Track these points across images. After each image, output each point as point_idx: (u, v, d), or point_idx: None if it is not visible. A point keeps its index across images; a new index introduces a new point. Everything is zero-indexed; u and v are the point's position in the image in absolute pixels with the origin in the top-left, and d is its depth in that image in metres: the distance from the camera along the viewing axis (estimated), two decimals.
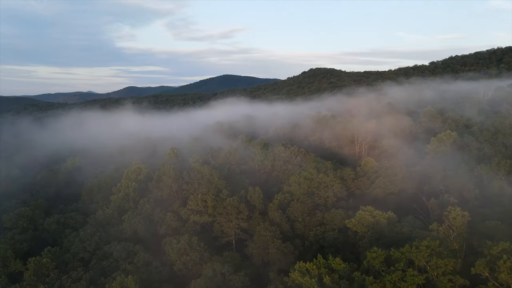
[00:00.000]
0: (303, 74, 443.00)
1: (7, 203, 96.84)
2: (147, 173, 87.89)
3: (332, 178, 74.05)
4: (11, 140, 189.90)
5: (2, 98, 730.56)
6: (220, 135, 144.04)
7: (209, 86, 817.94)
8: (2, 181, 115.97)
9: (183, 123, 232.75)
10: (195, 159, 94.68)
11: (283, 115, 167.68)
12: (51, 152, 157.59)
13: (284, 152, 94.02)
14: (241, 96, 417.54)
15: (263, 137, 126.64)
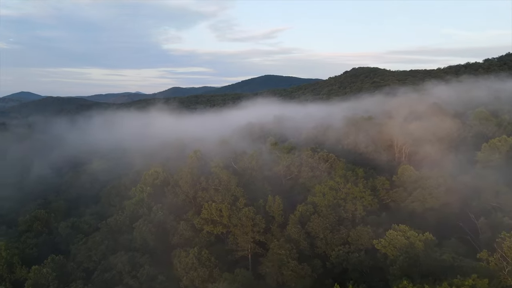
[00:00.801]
0: (345, 74, 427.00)
1: (32, 203, 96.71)
2: (165, 177, 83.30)
3: (362, 189, 65.04)
4: (52, 139, 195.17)
5: (59, 99, 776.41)
6: (249, 137, 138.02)
7: (250, 86, 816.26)
8: (32, 181, 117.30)
9: (218, 124, 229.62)
10: (216, 163, 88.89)
11: (319, 116, 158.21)
12: (86, 151, 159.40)
13: (311, 157, 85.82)
14: (281, 96, 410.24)
15: (294, 139, 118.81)
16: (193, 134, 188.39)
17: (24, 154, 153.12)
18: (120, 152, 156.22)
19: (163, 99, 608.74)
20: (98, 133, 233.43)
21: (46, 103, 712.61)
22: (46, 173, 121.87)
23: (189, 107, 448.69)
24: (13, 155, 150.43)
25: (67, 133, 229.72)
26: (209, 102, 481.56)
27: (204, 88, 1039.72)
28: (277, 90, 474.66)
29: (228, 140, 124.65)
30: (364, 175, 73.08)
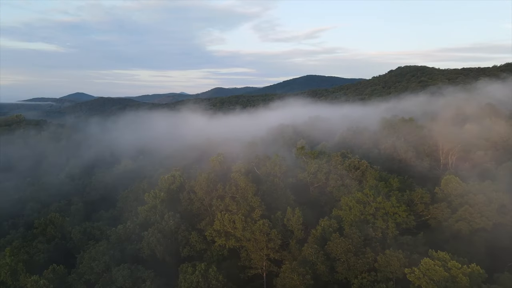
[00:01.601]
0: (390, 73, 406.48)
1: (54, 205, 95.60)
2: (181, 182, 78.13)
3: (395, 203, 55.75)
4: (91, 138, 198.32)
5: (109, 99, 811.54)
6: (281, 139, 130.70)
7: (291, 86, 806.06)
8: (61, 181, 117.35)
9: (253, 124, 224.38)
10: (238, 168, 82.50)
11: (357, 118, 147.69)
12: (120, 151, 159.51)
13: (340, 163, 77.14)
14: (321, 96, 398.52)
15: (326, 143, 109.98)
16: (226, 135, 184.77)
17: (60, 153, 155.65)
18: (152, 152, 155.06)
19: (204, 100, 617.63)
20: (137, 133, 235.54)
21: (98, 103, 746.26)
22: (74, 173, 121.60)
23: (229, 108, 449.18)
24: (49, 154, 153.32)
25: (107, 133, 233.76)
26: (248, 103, 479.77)
27: (246, 89, 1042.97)
28: (318, 91, 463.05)
29: (256, 142, 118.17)
30: (399, 186, 63.43)
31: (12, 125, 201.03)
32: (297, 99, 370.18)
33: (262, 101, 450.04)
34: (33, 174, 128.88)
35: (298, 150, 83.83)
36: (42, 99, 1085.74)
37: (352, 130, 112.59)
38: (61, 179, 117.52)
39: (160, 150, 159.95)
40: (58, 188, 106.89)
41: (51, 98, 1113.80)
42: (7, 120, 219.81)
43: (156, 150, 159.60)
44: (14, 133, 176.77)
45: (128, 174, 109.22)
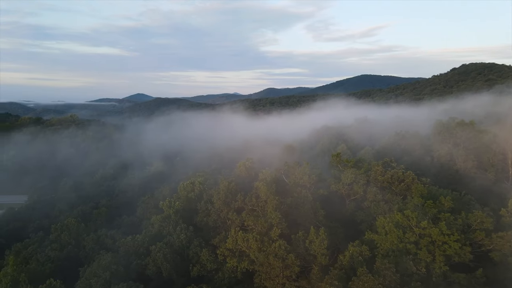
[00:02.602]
0: (453, 71, 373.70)
1: (80, 208, 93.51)
2: (201, 190, 71.20)
3: (445, 229, 44.07)
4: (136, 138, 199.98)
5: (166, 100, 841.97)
6: (324, 142, 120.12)
7: (345, 86, 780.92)
8: (93, 182, 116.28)
9: (298, 125, 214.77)
10: (264, 175, 74.03)
11: (409, 120, 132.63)
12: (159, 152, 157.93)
13: (382, 174, 65.77)
14: (375, 96, 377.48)
15: (370, 148, 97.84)
16: (268, 137, 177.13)
17: (102, 153, 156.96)
18: (189, 154, 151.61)
19: (255, 100, 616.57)
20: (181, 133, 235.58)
21: (155, 103, 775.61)
22: (108, 174, 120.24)
23: (278, 108, 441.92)
24: (91, 154, 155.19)
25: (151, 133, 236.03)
26: (298, 103, 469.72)
27: (299, 89, 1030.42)
28: (371, 91, 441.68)
29: (293, 146, 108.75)
30: (452, 206, 51.21)
31: (66, 124, 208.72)
32: (348, 100, 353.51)
33: (312, 102, 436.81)
34: (71, 174, 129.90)
35: (333, 157, 73.44)
36: (106, 100, 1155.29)
37: (401, 134, 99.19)
38: (95, 180, 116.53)
39: (199, 151, 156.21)
40: (89, 189, 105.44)
41: (114, 99, 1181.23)
42: (62, 120, 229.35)
43: (195, 151, 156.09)
44: (63, 132, 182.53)
45: (157, 177, 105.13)
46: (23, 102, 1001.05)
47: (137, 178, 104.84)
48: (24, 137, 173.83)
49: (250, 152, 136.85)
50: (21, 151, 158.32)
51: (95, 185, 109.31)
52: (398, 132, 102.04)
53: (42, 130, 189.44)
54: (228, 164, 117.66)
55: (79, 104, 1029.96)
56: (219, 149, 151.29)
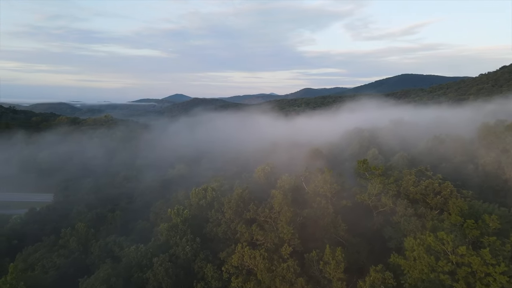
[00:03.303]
0: (502, 69, 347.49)
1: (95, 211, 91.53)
2: (213, 197, 66.03)
3: (490, 258, 36.01)
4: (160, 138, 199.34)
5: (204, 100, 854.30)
6: (356, 145, 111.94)
7: (384, 86, 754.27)
8: (116, 183, 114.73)
9: (331, 126, 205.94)
10: (283, 182, 67.88)
11: (451, 122, 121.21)
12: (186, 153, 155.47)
13: (414, 184, 57.68)
14: (416, 96, 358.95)
15: (405, 153, 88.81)
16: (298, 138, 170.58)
17: (130, 153, 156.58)
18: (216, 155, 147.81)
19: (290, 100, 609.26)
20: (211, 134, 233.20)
21: (192, 104, 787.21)
22: (131, 175, 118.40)
23: (313, 108, 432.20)
24: (119, 154, 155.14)
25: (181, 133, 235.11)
26: (334, 104, 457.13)
27: (336, 89, 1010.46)
28: (412, 90, 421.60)
29: (320, 149, 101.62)
30: (500, 227, 42.71)
31: (98, 125, 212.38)
32: (386, 100, 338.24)
33: (349, 102, 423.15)
34: (96, 173, 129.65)
35: (358, 163, 65.81)
36: (147, 100, 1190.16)
37: (440, 138, 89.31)
38: (117, 181, 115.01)
39: (226, 152, 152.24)
40: (109, 190, 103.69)
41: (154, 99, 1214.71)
42: (96, 120, 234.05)
43: (222, 153, 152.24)
44: (94, 133, 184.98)
45: (178, 180, 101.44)
46: (71, 102, 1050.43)
47: (157, 181, 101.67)
48: (57, 137, 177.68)
49: (277, 154, 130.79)
50: (53, 150, 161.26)
51: (116, 187, 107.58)
52: (437, 135, 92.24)
53: (75, 130, 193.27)
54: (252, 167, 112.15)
55: (121, 104, 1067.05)
56: (245, 151, 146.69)
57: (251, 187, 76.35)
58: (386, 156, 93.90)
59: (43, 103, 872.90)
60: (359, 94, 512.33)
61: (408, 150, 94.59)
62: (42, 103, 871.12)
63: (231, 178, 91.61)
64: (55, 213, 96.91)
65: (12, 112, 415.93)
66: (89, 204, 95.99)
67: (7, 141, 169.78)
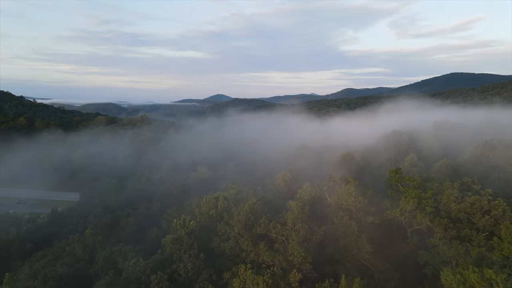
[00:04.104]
0: None
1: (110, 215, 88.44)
2: (225, 207, 59.81)
3: None
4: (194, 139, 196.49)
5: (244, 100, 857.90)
6: (388, 150, 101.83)
7: (431, 86, 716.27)
8: (141, 185, 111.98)
9: (369, 128, 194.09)
10: (304, 192, 60.45)
11: (506, 125, 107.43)
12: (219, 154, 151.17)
13: (457, 201, 48.27)
14: (466, 97, 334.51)
15: (448, 160, 78.01)
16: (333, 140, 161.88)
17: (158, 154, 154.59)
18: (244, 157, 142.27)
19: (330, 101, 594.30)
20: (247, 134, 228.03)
21: (232, 104, 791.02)
22: (155, 177, 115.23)
23: (353, 109, 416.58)
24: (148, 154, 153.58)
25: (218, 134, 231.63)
26: (375, 104, 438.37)
27: (379, 89, 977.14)
28: (462, 90, 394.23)
29: (352, 154, 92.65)
30: None
31: (132, 124, 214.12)
32: (432, 100, 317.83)
33: (391, 103, 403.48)
34: (122, 174, 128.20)
35: (390, 173, 56.93)
36: (189, 100, 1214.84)
37: (491, 143, 77.61)
38: (140, 183, 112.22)
39: (255, 155, 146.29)
40: (130, 193, 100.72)
41: (196, 99, 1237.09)
42: (132, 120, 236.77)
43: (252, 154, 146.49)
44: (126, 133, 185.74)
45: (198, 184, 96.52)
46: (118, 102, 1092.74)
47: (176, 184, 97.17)
48: (91, 137, 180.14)
49: (306, 158, 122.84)
50: (86, 149, 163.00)
51: (138, 189, 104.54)
52: (487, 140, 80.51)
53: (109, 130, 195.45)
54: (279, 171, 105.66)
55: (165, 105, 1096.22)
56: (275, 154, 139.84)
57: (269, 196, 69.73)
58: (427, 162, 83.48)
59: (93, 104, 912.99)
60: (402, 94, 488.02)
61: (452, 156, 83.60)
62: (91, 104, 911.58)
63: (253, 184, 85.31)
64: (76, 215, 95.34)
65: (61, 112, 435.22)
66: (107, 207, 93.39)
67: (44, 139, 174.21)
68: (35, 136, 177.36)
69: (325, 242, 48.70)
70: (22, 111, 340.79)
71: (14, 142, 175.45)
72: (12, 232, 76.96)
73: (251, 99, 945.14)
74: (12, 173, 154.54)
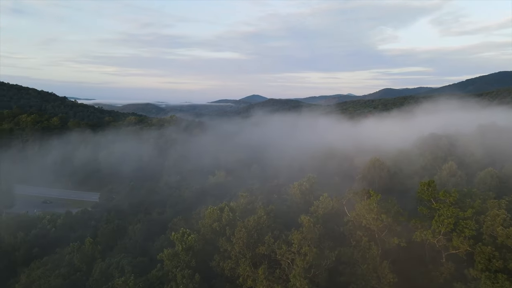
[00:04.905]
0: None
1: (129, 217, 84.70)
2: (229, 221, 53.29)
3: None
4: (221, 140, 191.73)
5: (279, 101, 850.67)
6: (424, 156, 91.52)
7: (477, 85, 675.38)
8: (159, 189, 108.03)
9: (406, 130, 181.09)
10: (319, 205, 52.90)
11: None
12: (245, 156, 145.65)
13: (504, 223, 39.12)
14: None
15: (495, 170, 67.31)
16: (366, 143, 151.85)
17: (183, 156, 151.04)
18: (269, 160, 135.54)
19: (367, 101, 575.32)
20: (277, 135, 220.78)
21: (267, 104, 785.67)
22: (173, 181, 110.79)
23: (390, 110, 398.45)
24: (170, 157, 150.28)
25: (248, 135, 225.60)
26: (414, 104, 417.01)
27: (419, 89, 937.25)
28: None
29: (381, 160, 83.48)
30: None
31: (160, 125, 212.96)
32: (478, 101, 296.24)
33: (431, 103, 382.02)
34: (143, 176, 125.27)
35: (421, 186, 48.10)
36: (225, 101, 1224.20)
37: None
38: (158, 187, 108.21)
39: (281, 158, 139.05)
40: (144, 197, 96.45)
41: (231, 100, 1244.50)
42: (161, 120, 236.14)
43: (278, 157, 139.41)
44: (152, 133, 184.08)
45: (214, 189, 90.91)
46: (157, 103, 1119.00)
47: (191, 189, 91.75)
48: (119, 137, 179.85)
49: (333, 163, 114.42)
50: (113, 150, 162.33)
51: (153, 193, 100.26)
52: None
53: (138, 130, 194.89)
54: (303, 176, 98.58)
55: (201, 105, 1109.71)
56: (302, 156, 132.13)
57: (283, 207, 62.66)
58: (468, 171, 73.09)
59: (132, 104, 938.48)
60: (444, 94, 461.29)
61: (500, 165, 72.68)
62: (131, 104, 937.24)
63: (270, 192, 78.31)
64: (90, 218, 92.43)
65: (99, 112, 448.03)
66: (121, 211, 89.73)
67: (73, 139, 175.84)
68: (65, 136, 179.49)
69: (338, 268, 41.13)
70: (63, 111, 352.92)
71: (46, 141, 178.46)
72: (20, 236, 74.46)
73: (286, 99, 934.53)
74: (43, 172, 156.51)
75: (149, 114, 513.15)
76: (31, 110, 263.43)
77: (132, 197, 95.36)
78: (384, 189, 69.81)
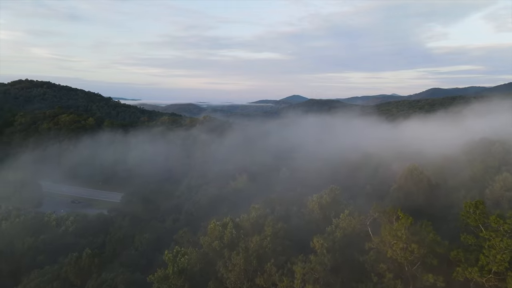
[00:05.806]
0: None
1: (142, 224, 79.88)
2: (233, 237, 45.88)
3: None
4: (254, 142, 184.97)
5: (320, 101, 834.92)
6: (473, 164, 79.27)
7: None
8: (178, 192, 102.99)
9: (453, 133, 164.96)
10: (341, 224, 44.20)
11: None
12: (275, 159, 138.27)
13: None
14: None
15: None
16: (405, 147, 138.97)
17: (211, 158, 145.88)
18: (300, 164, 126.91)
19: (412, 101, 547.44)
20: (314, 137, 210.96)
21: (308, 104, 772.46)
22: (194, 185, 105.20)
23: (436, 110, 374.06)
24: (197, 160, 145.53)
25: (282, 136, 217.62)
26: (465, 105, 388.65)
27: (470, 89, 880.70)
28: None
29: (419, 168, 72.42)
30: None
31: (191, 125, 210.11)
32: None
33: (483, 104, 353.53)
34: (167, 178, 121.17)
35: (466, 207, 37.97)
36: (265, 101, 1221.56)
37: None
38: (181, 190, 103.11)
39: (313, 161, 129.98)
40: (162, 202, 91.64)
41: (272, 100, 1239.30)
42: (193, 120, 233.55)
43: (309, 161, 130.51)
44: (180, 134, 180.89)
45: (233, 196, 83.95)
46: (198, 103, 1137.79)
47: (207, 196, 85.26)
48: (151, 137, 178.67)
49: (368, 168, 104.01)
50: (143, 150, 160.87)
51: (172, 197, 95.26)
52: None
53: (169, 130, 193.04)
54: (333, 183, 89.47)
55: (241, 105, 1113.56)
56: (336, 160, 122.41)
57: (302, 223, 54.36)
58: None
59: (175, 104, 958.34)
60: (498, 94, 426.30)
61: None
62: (174, 104, 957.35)
63: (291, 202, 69.93)
64: (104, 222, 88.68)
65: (140, 111, 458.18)
66: (135, 216, 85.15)
67: (105, 139, 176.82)
68: (98, 136, 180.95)
69: None
70: (106, 111, 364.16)
71: (80, 141, 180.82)
72: (27, 241, 71.57)
73: (327, 99, 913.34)
74: (74, 171, 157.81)
75: (190, 114, 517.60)
76: (71, 110, 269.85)
77: (149, 202, 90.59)
78: (422, 204, 59.47)
